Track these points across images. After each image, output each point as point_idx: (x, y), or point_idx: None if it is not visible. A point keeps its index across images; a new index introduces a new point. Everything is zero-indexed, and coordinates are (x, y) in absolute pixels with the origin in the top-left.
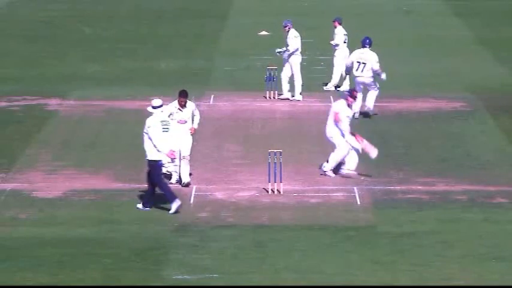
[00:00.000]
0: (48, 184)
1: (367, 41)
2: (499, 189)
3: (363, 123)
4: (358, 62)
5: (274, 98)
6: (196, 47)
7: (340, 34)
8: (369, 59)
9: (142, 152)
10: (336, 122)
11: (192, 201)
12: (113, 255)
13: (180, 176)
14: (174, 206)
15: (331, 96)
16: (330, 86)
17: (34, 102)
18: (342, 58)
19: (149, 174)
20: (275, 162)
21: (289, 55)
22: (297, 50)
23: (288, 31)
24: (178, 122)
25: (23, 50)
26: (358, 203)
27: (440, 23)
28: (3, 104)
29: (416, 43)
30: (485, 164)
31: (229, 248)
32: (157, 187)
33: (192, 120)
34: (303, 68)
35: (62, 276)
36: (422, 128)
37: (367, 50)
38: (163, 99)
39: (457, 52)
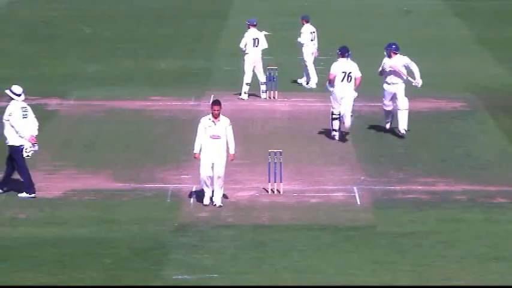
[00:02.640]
0: (48, 184)
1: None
2: (499, 189)
3: (363, 123)
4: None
5: (274, 98)
6: (196, 47)
7: (306, 32)
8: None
9: (142, 152)
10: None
11: (192, 201)
12: (113, 255)
13: (212, 197)
14: (25, 195)
15: (331, 97)
16: (312, 84)
17: (34, 102)
18: (308, 55)
19: (10, 158)
20: (275, 162)
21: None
22: (241, 49)
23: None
24: (211, 137)
25: (23, 50)
26: (358, 203)
27: (440, 23)
28: (3, 104)
29: (416, 43)
30: (485, 164)
31: (229, 248)
32: (19, 172)
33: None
34: (303, 67)
35: (62, 276)
36: (423, 128)
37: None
38: (163, 99)
39: (457, 52)
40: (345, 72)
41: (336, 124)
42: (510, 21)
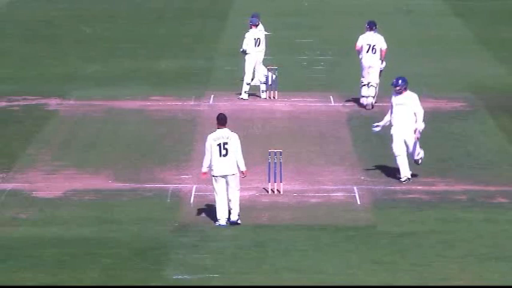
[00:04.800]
0: (48, 184)
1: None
2: (499, 189)
3: (363, 123)
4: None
5: (274, 98)
6: (196, 47)
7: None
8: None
9: (142, 152)
10: None
11: (192, 201)
12: (113, 255)
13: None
14: None
15: (331, 96)
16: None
17: (34, 102)
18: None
19: None
20: (275, 162)
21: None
22: (244, 51)
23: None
24: None
25: (23, 50)
26: (358, 203)
27: (440, 23)
28: (3, 104)
29: (416, 43)
30: (485, 164)
31: (229, 248)
32: None
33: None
34: (303, 67)
35: (62, 276)
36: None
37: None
38: (163, 99)
39: (457, 52)
40: (369, 45)
41: (364, 91)
42: (510, 21)
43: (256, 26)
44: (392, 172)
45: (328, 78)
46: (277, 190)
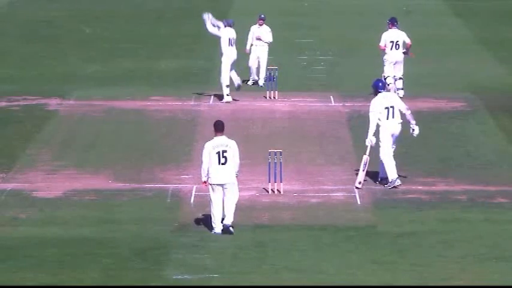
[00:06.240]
0: (48, 184)
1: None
2: (499, 189)
3: (363, 123)
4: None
5: (274, 98)
6: (196, 47)
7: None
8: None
9: (142, 152)
10: None
11: (192, 201)
12: (113, 255)
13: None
14: None
15: (331, 96)
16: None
17: (34, 102)
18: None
19: None
20: (275, 162)
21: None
22: (221, 50)
23: None
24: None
25: (23, 50)
26: (358, 203)
27: (440, 23)
28: (3, 104)
29: (416, 43)
30: (485, 164)
31: (229, 248)
32: None
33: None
34: (303, 67)
35: (62, 276)
36: (423, 128)
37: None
38: (163, 99)
39: (457, 52)
40: (393, 42)
41: (389, 80)
42: (510, 21)
43: (231, 26)
44: None
45: (328, 78)
46: (277, 190)
